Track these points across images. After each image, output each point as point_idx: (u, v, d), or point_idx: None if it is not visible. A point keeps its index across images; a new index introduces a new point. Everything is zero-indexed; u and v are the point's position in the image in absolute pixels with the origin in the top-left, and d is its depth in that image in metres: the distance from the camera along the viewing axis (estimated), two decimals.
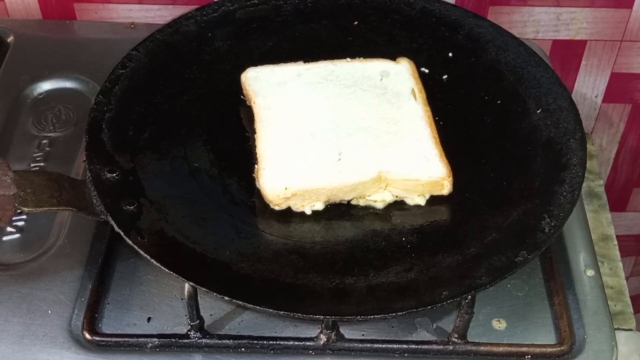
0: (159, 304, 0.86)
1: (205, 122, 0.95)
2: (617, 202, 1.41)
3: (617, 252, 1.15)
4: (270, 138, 0.91)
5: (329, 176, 0.87)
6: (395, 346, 0.83)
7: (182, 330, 0.84)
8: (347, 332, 0.84)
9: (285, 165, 0.88)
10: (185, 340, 0.83)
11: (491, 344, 0.84)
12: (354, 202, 0.88)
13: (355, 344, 0.83)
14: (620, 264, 1.13)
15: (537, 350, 0.83)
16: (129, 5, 1.19)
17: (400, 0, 1.08)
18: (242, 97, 0.97)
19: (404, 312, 0.78)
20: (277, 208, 0.87)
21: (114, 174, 0.87)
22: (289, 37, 1.05)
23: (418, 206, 0.88)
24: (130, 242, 0.81)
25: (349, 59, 0.99)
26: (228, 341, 0.83)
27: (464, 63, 1.02)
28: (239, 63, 1.01)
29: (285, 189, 0.86)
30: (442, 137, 0.93)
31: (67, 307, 0.85)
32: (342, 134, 0.91)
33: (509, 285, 0.88)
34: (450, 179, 0.87)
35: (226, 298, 0.78)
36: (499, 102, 0.98)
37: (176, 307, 0.86)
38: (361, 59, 0.99)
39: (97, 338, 0.83)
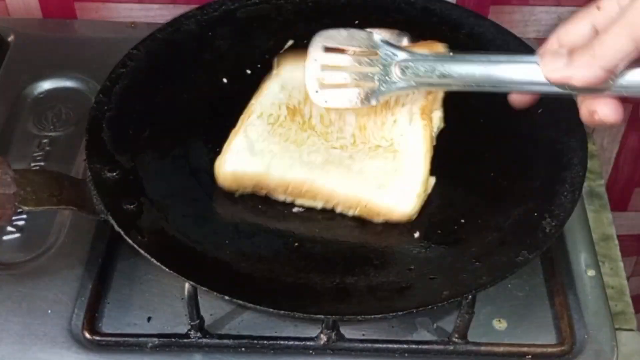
0: (159, 303, 0.86)
1: (205, 121, 0.95)
2: (618, 202, 1.41)
3: (618, 252, 1.14)
4: None
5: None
6: (395, 346, 0.83)
7: (182, 330, 0.84)
8: (348, 332, 0.84)
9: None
10: (186, 340, 0.83)
11: (492, 344, 0.84)
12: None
13: (356, 344, 0.83)
14: (621, 264, 1.13)
15: (538, 350, 0.83)
16: (129, 5, 1.19)
17: None
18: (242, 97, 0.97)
19: (404, 312, 0.78)
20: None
21: (114, 173, 0.87)
22: (290, 36, 1.05)
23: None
24: (130, 241, 0.81)
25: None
26: (228, 341, 0.83)
27: None
28: (240, 62, 1.01)
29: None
30: (443, 136, 0.93)
31: (68, 306, 0.85)
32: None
33: (509, 285, 0.88)
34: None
35: (226, 297, 0.78)
36: (499, 101, 0.98)
37: (176, 307, 0.86)
38: None
39: (97, 338, 0.83)
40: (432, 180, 0.89)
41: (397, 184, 0.86)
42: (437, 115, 0.94)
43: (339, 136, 0.91)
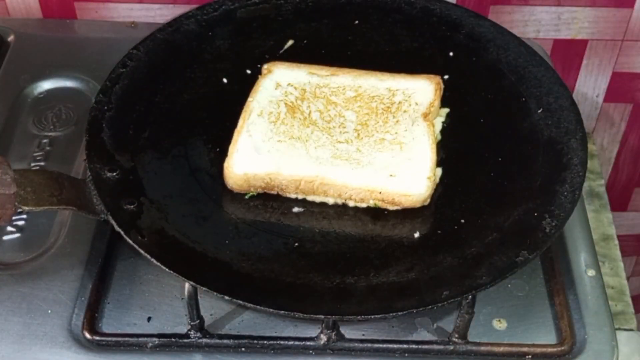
0: (159, 303, 0.86)
1: (205, 121, 0.95)
2: (618, 202, 1.41)
3: (618, 252, 1.14)
4: None
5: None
6: (395, 346, 0.83)
7: (182, 330, 0.83)
8: (348, 332, 0.84)
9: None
10: (186, 340, 0.83)
11: (492, 344, 0.83)
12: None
13: (356, 344, 0.83)
14: (621, 264, 1.13)
15: (538, 350, 0.83)
16: (129, 4, 1.19)
17: None
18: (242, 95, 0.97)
19: (404, 312, 0.78)
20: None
21: (114, 173, 0.87)
22: (290, 36, 1.05)
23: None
24: (130, 241, 0.81)
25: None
26: (228, 341, 0.83)
27: (465, 62, 1.02)
28: (240, 62, 1.01)
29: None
30: (443, 137, 0.93)
31: (68, 306, 0.85)
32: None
33: (509, 285, 0.88)
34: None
35: (226, 298, 0.78)
36: (500, 101, 0.98)
37: (176, 307, 0.85)
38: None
39: (97, 338, 0.83)
40: (439, 170, 0.89)
41: (407, 172, 0.88)
42: (439, 121, 0.95)
43: (342, 131, 0.91)
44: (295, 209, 0.88)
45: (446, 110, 0.96)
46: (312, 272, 0.81)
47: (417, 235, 0.85)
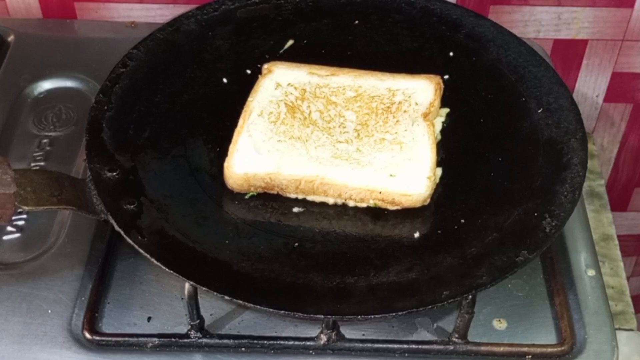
0: (159, 303, 0.86)
1: (205, 121, 0.95)
2: (618, 202, 1.41)
3: (618, 252, 1.15)
4: None
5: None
6: (395, 346, 0.83)
7: (182, 330, 0.83)
8: (348, 332, 0.84)
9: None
10: (186, 340, 0.83)
11: (492, 344, 0.83)
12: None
13: (356, 344, 0.83)
14: (621, 264, 1.13)
15: (538, 350, 0.83)
16: (129, 5, 1.19)
17: None
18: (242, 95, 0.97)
19: (404, 312, 0.78)
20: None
21: (114, 173, 0.87)
22: (290, 36, 1.05)
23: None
24: (130, 241, 0.81)
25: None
26: (228, 341, 0.83)
27: (465, 62, 1.02)
28: (240, 62, 1.01)
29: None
30: (443, 137, 0.93)
31: (68, 306, 0.85)
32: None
33: (509, 285, 0.88)
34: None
35: (226, 297, 0.78)
36: (500, 101, 0.98)
37: (176, 307, 0.86)
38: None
39: (98, 337, 0.83)
40: (439, 170, 0.89)
41: (407, 171, 0.88)
42: (439, 121, 0.95)
43: (342, 130, 0.91)
44: (295, 209, 0.88)
45: (446, 110, 0.96)
46: (312, 272, 0.81)
47: (417, 235, 0.85)
